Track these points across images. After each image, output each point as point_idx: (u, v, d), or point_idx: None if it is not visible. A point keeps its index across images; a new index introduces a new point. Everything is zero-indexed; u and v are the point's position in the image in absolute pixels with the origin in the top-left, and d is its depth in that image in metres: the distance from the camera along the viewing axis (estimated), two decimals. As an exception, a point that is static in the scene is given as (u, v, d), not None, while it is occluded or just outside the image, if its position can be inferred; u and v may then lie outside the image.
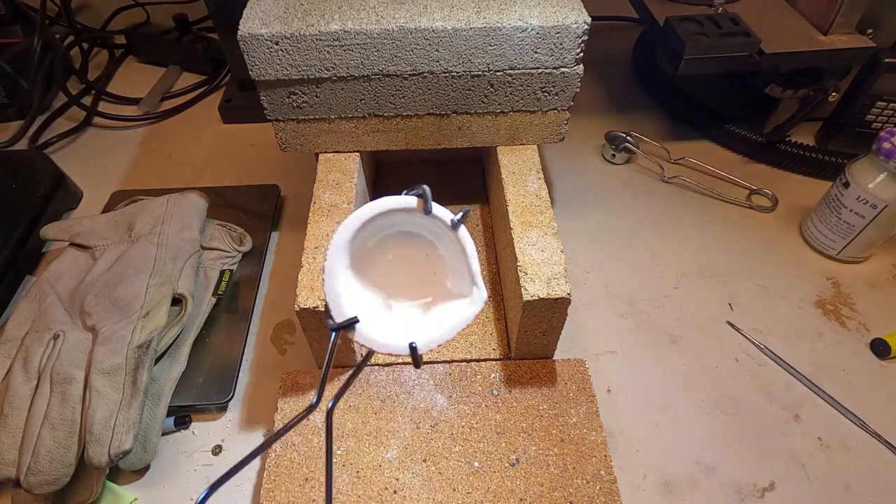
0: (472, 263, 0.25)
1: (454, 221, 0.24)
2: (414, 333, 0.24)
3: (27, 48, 0.70)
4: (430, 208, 0.24)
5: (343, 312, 0.23)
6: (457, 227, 0.24)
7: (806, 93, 0.60)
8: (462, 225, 0.24)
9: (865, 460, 0.43)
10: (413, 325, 0.24)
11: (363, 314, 0.23)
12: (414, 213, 0.24)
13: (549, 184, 0.62)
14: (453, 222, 0.24)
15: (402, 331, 0.24)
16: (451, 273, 0.25)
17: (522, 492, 0.39)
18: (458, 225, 0.24)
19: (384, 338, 0.24)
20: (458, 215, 0.24)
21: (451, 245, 0.25)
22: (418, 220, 0.25)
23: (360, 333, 0.23)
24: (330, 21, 0.42)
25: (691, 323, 0.51)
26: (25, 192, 0.56)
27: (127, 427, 0.38)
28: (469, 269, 0.24)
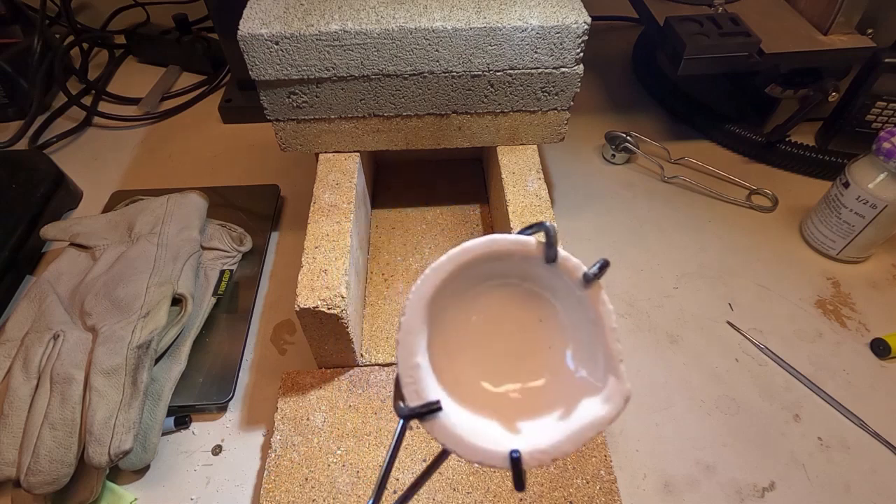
0: (609, 341, 0.18)
1: (588, 275, 0.18)
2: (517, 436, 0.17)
3: (27, 48, 0.70)
4: (554, 254, 0.18)
5: (421, 392, 0.17)
6: (590, 282, 0.18)
7: (806, 93, 0.60)
8: (599, 281, 0.18)
9: (865, 460, 0.43)
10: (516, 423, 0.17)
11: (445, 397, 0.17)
12: (530, 259, 0.18)
13: (549, 184, 0.62)
14: (587, 276, 0.18)
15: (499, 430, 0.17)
16: (576, 350, 0.19)
17: (522, 492, 0.39)
18: (593, 280, 0.18)
19: (474, 436, 0.16)
20: (593, 267, 0.18)
21: (580, 311, 0.18)
22: (534, 270, 0.18)
23: (440, 425, 0.16)
24: (330, 21, 0.42)
25: (691, 323, 0.51)
26: (25, 192, 0.57)
27: (127, 427, 0.38)
28: (605, 347, 0.18)
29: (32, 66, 0.70)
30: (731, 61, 0.56)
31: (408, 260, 0.54)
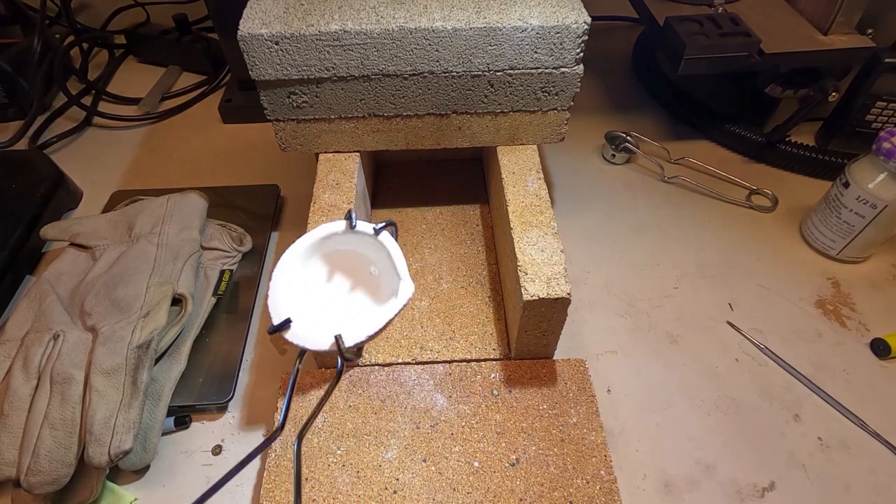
0: (395, 260, 0.28)
1: (375, 229, 0.28)
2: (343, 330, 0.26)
3: (27, 48, 0.71)
4: (354, 224, 0.28)
5: (280, 315, 0.26)
6: (378, 233, 0.28)
7: (806, 93, 0.60)
8: (384, 231, 0.28)
9: (865, 460, 0.43)
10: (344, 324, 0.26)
11: (297, 317, 0.26)
12: (345, 233, 0.28)
13: (549, 184, 0.62)
14: (375, 230, 0.28)
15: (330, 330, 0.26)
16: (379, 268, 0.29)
17: (522, 492, 0.39)
18: (380, 232, 0.28)
19: (314, 335, 0.26)
20: (379, 224, 0.28)
21: (380, 250, 0.28)
22: (348, 237, 0.28)
23: (293, 333, 0.26)
24: (330, 21, 0.42)
25: (691, 323, 0.51)
26: (25, 192, 0.57)
27: (127, 427, 0.38)
28: (393, 265, 0.28)
29: (32, 66, 0.70)
30: (731, 61, 0.56)
31: (408, 260, 0.54)
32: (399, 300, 0.26)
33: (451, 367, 0.46)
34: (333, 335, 0.25)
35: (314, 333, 0.25)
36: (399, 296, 0.27)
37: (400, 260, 0.27)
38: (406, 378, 0.45)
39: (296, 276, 0.27)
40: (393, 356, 0.47)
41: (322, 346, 0.25)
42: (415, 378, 0.45)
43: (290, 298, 0.26)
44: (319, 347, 0.25)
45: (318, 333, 0.25)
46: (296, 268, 0.27)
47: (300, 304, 0.27)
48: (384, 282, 0.28)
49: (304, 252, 0.28)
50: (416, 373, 0.45)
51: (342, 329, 0.25)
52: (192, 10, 0.82)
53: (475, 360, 0.46)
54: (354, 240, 0.28)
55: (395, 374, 0.45)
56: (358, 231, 0.28)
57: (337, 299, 0.29)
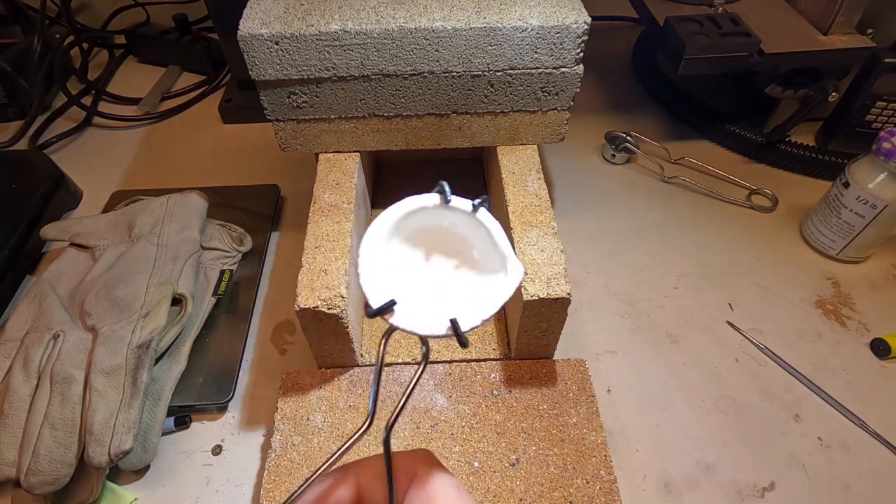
0: (498, 239, 0.25)
1: (475, 205, 0.25)
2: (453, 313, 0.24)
3: (27, 48, 0.70)
4: (448, 198, 0.25)
5: (380, 296, 0.23)
6: (476, 209, 0.25)
7: (806, 93, 0.60)
8: (482, 208, 0.25)
9: (865, 460, 0.43)
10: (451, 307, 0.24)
11: (399, 299, 0.23)
12: (436, 208, 0.25)
13: (549, 184, 0.62)
14: (474, 206, 0.25)
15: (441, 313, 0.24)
16: (480, 253, 0.26)
17: (522, 492, 0.39)
18: (478, 208, 0.25)
19: (423, 319, 0.23)
20: (477, 200, 0.25)
21: (477, 231, 0.26)
22: (441, 213, 0.26)
23: (398, 317, 0.23)
24: (330, 21, 0.42)
25: (691, 323, 0.51)
26: (25, 192, 0.57)
27: (127, 427, 0.38)
28: (496, 245, 0.25)
29: (32, 66, 0.70)
30: (731, 61, 0.56)
31: (408, 260, 0.54)
32: (510, 280, 0.24)
33: (451, 367, 0.46)
34: (448, 319, 0.23)
35: (420, 318, 0.23)
36: (509, 275, 0.24)
37: (503, 238, 0.25)
38: (406, 378, 0.45)
39: (385, 253, 0.25)
40: (393, 356, 0.47)
41: (435, 331, 0.23)
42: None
43: (385, 278, 0.24)
44: (432, 332, 0.23)
45: (426, 317, 0.23)
46: (383, 244, 0.25)
47: (397, 284, 0.24)
48: (485, 263, 0.26)
49: (393, 227, 0.25)
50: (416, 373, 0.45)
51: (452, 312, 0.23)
52: (192, 10, 0.82)
53: (475, 360, 0.46)
54: (448, 216, 0.26)
55: (395, 374, 0.45)
56: (453, 207, 0.25)
57: (435, 281, 0.26)
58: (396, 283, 0.24)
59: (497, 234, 0.25)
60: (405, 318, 0.23)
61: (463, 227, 0.26)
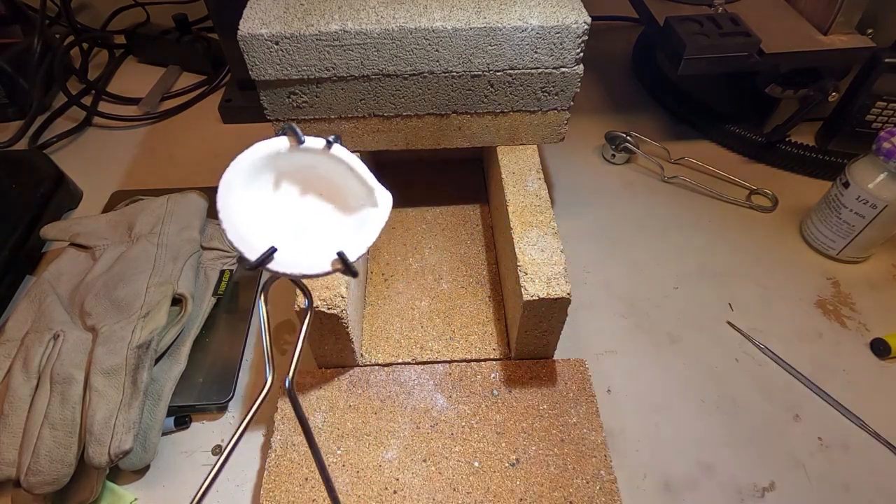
0: (360, 172, 0.25)
1: (328, 142, 0.24)
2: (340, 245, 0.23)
3: (27, 48, 0.70)
4: (302, 139, 0.24)
5: (255, 247, 0.22)
6: (330, 146, 0.25)
7: (806, 93, 0.60)
8: (337, 144, 0.25)
9: (865, 460, 0.43)
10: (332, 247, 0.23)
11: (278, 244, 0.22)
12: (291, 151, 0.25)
13: (549, 184, 0.62)
14: (327, 142, 0.24)
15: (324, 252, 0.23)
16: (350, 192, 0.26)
17: (522, 492, 0.39)
18: (332, 144, 0.24)
19: (306, 260, 0.22)
20: (330, 137, 0.25)
21: (338, 169, 0.25)
22: (298, 156, 0.25)
23: (280, 262, 0.22)
24: (330, 21, 0.42)
25: (691, 323, 0.51)
26: (25, 192, 0.56)
27: (127, 427, 0.38)
28: (360, 178, 0.25)
29: (32, 66, 0.70)
30: (731, 61, 0.56)
31: (408, 260, 0.54)
32: (381, 209, 0.24)
33: (451, 367, 0.46)
34: (335, 252, 0.22)
35: (304, 260, 0.22)
36: (379, 204, 0.24)
37: (364, 170, 0.25)
38: (406, 378, 0.45)
39: (252, 205, 0.24)
40: (393, 356, 0.47)
41: (322, 268, 0.22)
42: (415, 378, 0.45)
43: (255, 229, 0.23)
44: (319, 270, 0.22)
45: (308, 257, 0.22)
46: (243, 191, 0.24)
47: (274, 234, 0.23)
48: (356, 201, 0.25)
49: (249, 172, 0.24)
50: (416, 373, 0.45)
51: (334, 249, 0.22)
52: (192, 10, 0.82)
53: (475, 360, 0.46)
54: (303, 158, 0.25)
55: (395, 374, 0.45)
56: (307, 147, 0.24)
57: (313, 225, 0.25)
58: (273, 233, 0.23)
59: (357, 167, 0.25)
60: (287, 263, 0.22)
61: (326, 170, 0.25)
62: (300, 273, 0.22)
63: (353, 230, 0.25)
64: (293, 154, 0.25)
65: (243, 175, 0.24)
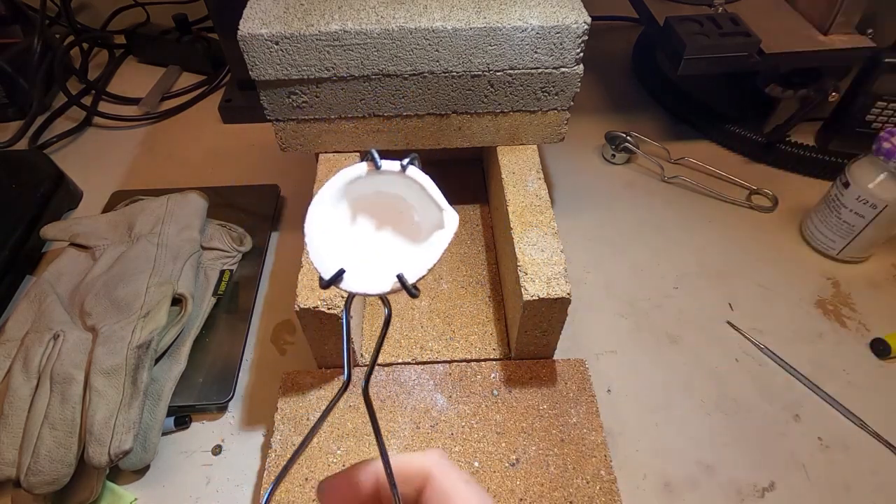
0: (431, 192, 0.26)
1: (403, 166, 0.26)
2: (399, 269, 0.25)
3: (27, 48, 0.70)
4: (379, 164, 0.26)
5: (328, 268, 0.24)
6: (405, 169, 0.26)
7: (806, 93, 0.60)
8: (412, 166, 0.26)
9: (865, 460, 0.43)
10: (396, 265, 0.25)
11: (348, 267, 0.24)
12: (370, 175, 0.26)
13: (549, 184, 0.62)
14: (402, 167, 0.26)
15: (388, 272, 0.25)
16: (418, 210, 0.27)
17: (522, 492, 0.39)
18: (408, 167, 0.26)
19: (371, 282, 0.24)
20: (405, 160, 0.26)
21: (411, 189, 0.26)
22: (376, 179, 0.26)
23: (348, 282, 0.24)
24: (330, 21, 0.42)
25: (691, 323, 0.51)
26: (25, 192, 0.57)
27: (127, 427, 0.38)
28: (431, 198, 0.26)
29: (32, 66, 0.70)
30: (731, 61, 0.56)
31: (408, 260, 0.54)
32: (447, 230, 0.25)
33: (451, 367, 0.46)
34: (394, 275, 0.24)
35: (370, 280, 0.24)
36: (446, 225, 0.25)
37: (435, 191, 0.26)
38: (406, 378, 0.45)
39: (328, 226, 0.26)
40: (393, 356, 0.47)
41: (384, 289, 0.24)
42: (415, 378, 0.45)
43: (331, 251, 0.25)
44: (381, 290, 0.24)
45: (373, 279, 0.24)
46: (327, 218, 0.26)
47: (343, 255, 0.25)
48: (425, 221, 0.26)
49: (332, 200, 0.26)
50: (416, 373, 0.45)
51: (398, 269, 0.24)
52: (192, 10, 0.82)
53: (475, 360, 0.46)
54: (381, 181, 0.26)
55: (395, 374, 0.45)
56: (384, 171, 0.26)
57: (380, 245, 0.27)
58: (344, 253, 0.25)
59: (430, 188, 0.26)
60: (355, 282, 0.24)
61: (399, 189, 0.27)
62: (363, 292, 0.24)
63: (417, 250, 0.26)
64: (371, 178, 0.26)
65: (329, 201, 0.26)
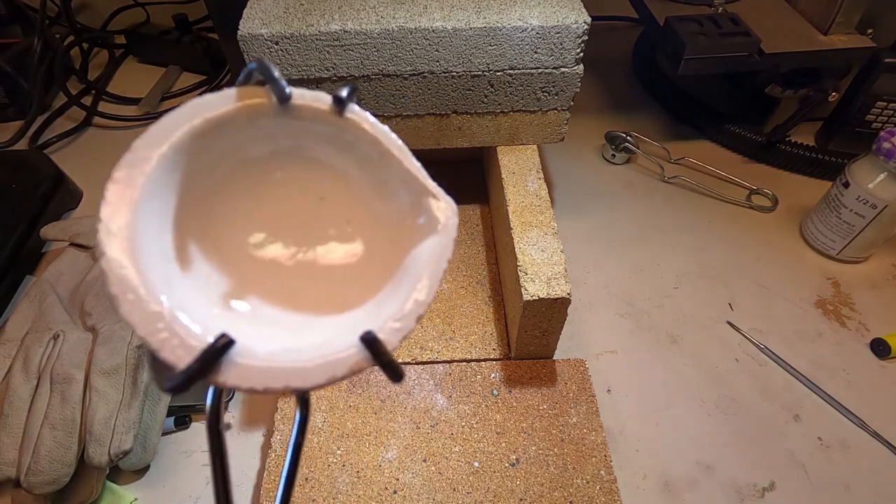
0: (405, 163, 0.14)
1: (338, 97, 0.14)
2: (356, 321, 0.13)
3: (27, 48, 0.70)
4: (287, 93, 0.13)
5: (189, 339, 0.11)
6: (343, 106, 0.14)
7: (806, 93, 0.60)
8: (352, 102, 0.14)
9: (865, 460, 0.43)
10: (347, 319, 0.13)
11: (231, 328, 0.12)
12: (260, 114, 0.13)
13: (549, 184, 0.62)
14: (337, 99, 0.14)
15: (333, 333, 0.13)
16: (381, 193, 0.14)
17: (522, 492, 0.39)
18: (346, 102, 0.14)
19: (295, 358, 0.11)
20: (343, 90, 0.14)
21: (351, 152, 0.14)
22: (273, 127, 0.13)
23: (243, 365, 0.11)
24: (330, 21, 0.42)
25: (691, 323, 0.51)
26: (25, 192, 0.56)
27: (127, 427, 0.38)
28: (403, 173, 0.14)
29: (32, 66, 0.70)
30: (731, 61, 0.56)
31: (408, 260, 0.54)
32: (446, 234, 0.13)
33: (451, 367, 0.46)
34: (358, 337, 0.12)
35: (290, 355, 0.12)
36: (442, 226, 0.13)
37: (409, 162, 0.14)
38: (406, 378, 0.45)
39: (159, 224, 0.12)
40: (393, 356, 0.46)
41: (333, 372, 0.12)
42: (415, 378, 0.45)
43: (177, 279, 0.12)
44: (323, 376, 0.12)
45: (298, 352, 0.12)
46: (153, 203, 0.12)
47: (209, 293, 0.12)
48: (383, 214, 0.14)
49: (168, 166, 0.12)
50: (416, 373, 0.45)
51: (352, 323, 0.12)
52: (192, 10, 0.82)
53: (475, 360, 0.46)
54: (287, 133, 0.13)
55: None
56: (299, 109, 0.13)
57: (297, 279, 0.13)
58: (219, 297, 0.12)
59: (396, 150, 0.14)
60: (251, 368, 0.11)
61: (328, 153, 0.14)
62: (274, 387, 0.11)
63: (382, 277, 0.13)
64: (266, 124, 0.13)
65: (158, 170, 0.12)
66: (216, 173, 0.13)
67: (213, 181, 0.13)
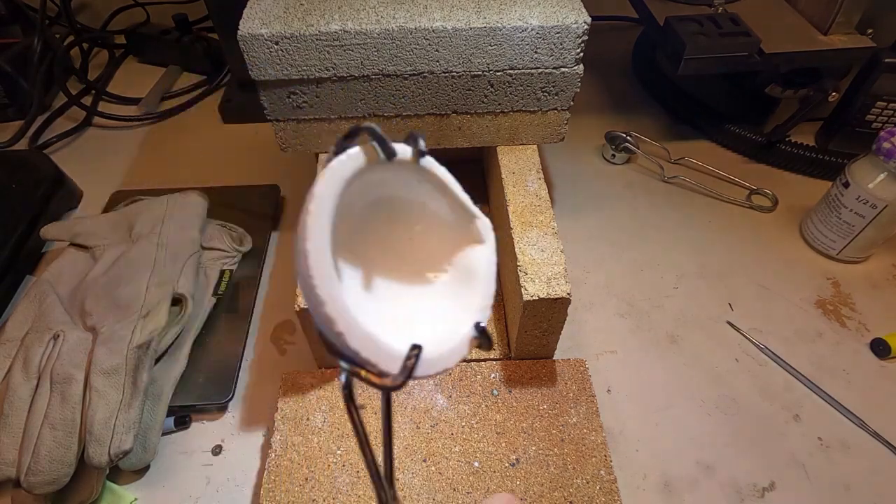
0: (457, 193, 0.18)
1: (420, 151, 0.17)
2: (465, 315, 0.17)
3: (27, 48, 0.70)
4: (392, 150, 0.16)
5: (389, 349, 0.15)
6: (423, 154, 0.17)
7: (806, 93, 0.60)
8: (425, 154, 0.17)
9: (865, 460, 0.43)
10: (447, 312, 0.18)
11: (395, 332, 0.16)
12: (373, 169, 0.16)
13: (549, 184, 0.62)
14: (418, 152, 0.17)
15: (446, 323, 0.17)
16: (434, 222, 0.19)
17: (522, 492, 0.39)
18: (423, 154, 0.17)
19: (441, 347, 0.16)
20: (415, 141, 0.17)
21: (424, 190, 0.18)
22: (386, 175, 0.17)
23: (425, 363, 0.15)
24: (330, 21, 0.42)
25: (691, 323, 0.51)
26: (25, 192, 0.56)
27: (127, 427, 0.38)
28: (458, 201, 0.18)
29: (32, 66, 0.70)
30: (731, 61, 0.56)
31: (408, 260, 0.54)
32: (489, 245, 0.18)
33: (451, 367, 0.46)
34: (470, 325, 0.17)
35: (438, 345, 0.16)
36: (486, 239, 0.18)
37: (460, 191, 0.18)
38: (406, 378, 0.45)
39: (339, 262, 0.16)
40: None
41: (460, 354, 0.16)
42: (415, 378, 0.45)
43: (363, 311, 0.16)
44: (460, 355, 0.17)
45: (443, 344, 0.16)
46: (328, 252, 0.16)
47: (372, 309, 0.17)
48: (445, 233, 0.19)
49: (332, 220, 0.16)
50: (416, 373, 0.45)
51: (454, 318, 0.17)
52: (192, 10, 0.82)
53: (475, 360, 0.46)
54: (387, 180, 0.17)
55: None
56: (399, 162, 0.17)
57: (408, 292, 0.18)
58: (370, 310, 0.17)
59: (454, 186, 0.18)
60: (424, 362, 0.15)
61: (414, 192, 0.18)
62: (444, 368, 0.16)
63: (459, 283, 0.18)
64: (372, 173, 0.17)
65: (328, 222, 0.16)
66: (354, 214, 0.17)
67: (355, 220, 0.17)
